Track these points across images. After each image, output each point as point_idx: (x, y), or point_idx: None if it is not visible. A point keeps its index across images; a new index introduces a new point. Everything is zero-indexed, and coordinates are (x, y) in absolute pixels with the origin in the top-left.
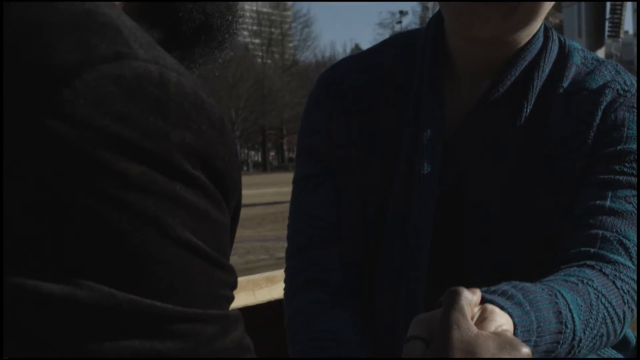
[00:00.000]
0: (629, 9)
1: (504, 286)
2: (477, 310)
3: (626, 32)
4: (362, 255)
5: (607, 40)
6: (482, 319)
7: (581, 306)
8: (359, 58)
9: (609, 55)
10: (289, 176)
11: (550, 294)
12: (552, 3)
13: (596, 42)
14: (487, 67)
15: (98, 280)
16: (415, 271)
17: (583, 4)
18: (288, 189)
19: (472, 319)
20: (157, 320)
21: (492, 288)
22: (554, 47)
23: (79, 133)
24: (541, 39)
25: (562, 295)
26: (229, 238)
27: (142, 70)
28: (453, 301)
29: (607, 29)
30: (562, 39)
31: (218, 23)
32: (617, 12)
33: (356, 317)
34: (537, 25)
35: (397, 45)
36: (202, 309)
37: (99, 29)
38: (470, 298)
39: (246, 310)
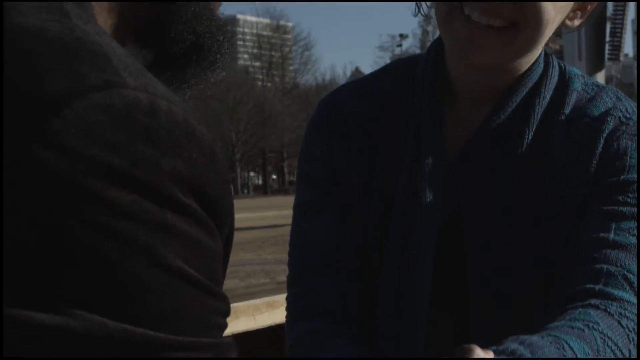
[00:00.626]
0: (628, 31)
1: (513, 344)
2: None
3: (626, 55)
4: (363, 282)
5: (607, 63)
6: None
7: (588, 354)
8: (359, 84)
9: (609, 78)
10: (289, 199)
11: (557, 347)
12: (553, 30)
13: (596, 65)
14: (488, 94)
15: (90, 309)
16: (416, 297)
17: (583, 27)
18: (288, 212)
19: None
20: (150, 349)
21: (501, 347)
22: (555, 74)
23: (69, 162)
24: (542, 65)
25: (569, 345)
26: (221, 265)
27: (131, 98)
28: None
29: (607, 51)
30: (562, 65)
31: (209, 43)
32: (617, 35)
33: (357, 347)
34: (537, 52)
35: (398, 71)
36: (195, 337)
37: (89, 57)
38: (482, 357)
39: (247, 335)
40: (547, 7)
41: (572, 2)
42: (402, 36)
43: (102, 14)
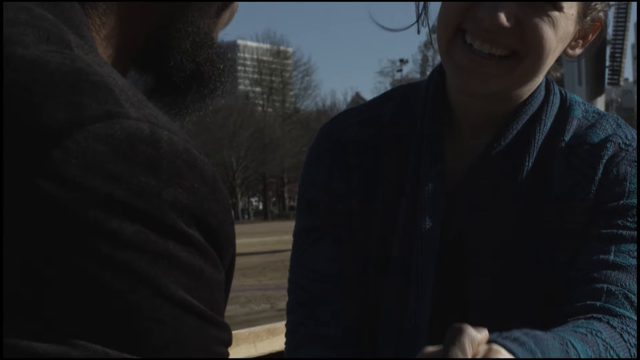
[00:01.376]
0: (628, 56)
1: (516, 333)
2: (482, 348)
3: (626, 80)
4: (363, 309)
5: (608, 88)
6: (486, 358)
7: (591, 356)
8: (359, 110)
9: (609, 103)
10: (289, 224)
11: (561, 344)
12: (555, 59)
13: (596, 89)
14: (489, 121)
15: (92, 339)
16: (416, 322)
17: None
18: (289, 237)
19: (475, 356)
20: None
21: (505, 334)
22: (556, 101)
23: (71, 193)
24: (543, 92)
25: (573, 345)
26: (223, 295)
27: (133, 129)
28: (455, 338)
29: (607, 76)
30: (563, 92)
31: (209, 71)
32: (617, 60)
33: None
34: (538, 80)
35: (398, 98)
36: None
37: (90, 88)
38: (474, 335)
39: None
40: (549, 36)
41: (574, 31)
42: (402, 61)
43: (102, 44)
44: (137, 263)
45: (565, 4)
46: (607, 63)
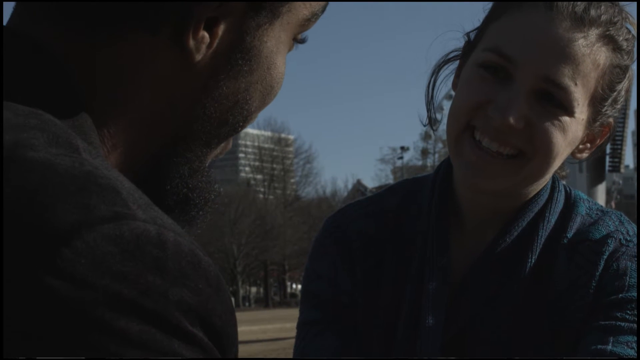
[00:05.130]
0: (629, 143)
1: None
2: None
3: (627, 166)
4: None
5: (608, 175)
6: None
7: None
8: (364, 204)
9: (610, 190)
10: (291, 312)
11: None
12: (562, 161)
13: (597, 176)
14: (494, 216)
15: None
16: None
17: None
18: (290, 325)
19: None
20: None
21: None
22: (560, 198)
23: (80, 292)
24: (548, 189)
25: None
26: None
27: (141, 230)
28: None
29: (607, 163)
30: (568, 188)
31: (196, 198)
32: (618, 147)
33: None
34: (545, 180)
35: (403, 192)
36: None
37: (98, 190)
38: None
39: None
40: (558, 140)
41: (583, 136)
42: (403, 149)
43: (109, 158)
44: None
45: (577, 109)
46: (608, 151)
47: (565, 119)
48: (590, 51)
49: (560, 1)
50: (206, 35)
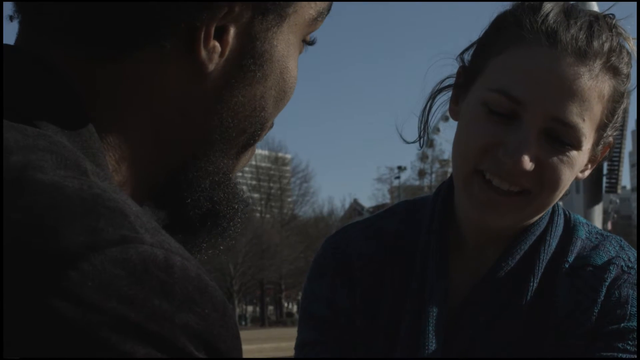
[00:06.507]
0: (626, 164)
1: None
2: None
3: (624, 187)
4: None
5: (605, 195)
6: None
7: None
8: (364, 225)
9: (607, 211)
10: (287, 331)
11: None
12: (564, 192)
13: (594, 197)
14: (495, 238)
15: None
16: None
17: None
18: (287, 344)
19: None
20: None
21: None
22: (560, 221)
23: (86, 315)
24: (549, 213)
25: None
26: None
27: (148, 254)
28: None
29: (604, 184)
30: (567, 212)
31: (224, 211)
32: (615, 168)
33: None
34: (547, 209)
35: (403, 214)
36: None
37: (106, 213)
38: None
39: None
40: (567, 176)
41: (587, 161)
42: (400, 168)
43: (118, 176)
44: None
45: (584, 143)
46: (605, 171)
47: (574, 153)
48: (596, 83)
49: (563, 35)
50: (217, 44)
